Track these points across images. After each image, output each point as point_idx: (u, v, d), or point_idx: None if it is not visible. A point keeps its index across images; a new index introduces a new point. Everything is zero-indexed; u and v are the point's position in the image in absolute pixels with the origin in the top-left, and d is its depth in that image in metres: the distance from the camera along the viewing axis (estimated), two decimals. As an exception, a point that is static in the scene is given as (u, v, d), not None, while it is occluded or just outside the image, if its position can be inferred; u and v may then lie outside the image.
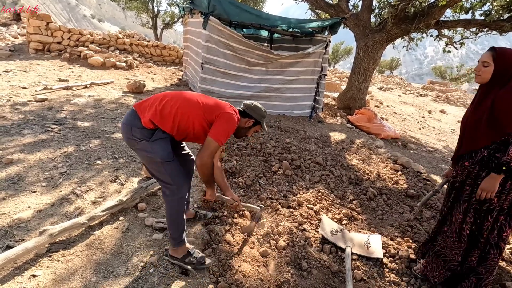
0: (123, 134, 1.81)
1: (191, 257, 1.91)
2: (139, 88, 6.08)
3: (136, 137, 1.74)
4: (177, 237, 1.89)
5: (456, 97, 15.59)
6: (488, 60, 1.76)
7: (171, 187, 1.81)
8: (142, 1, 16.56)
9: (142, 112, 1.77)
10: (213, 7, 5.04)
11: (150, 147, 1.75)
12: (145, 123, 1.74)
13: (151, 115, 1.74)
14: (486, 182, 1.74)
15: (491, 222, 1.81)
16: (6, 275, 1.68)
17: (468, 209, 1.87)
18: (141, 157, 1.87)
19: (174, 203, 1.84)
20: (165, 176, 1.80)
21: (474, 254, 1.90)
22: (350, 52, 28.67)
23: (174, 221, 1.86)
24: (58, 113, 4.23)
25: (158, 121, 1.74)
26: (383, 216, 3.02)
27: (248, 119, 2.00)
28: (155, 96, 1.84)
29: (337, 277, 2.12)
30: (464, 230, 1.89)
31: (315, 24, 6.26)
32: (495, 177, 1.71)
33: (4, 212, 2.16)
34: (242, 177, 3.26)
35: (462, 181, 1.93)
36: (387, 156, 4.63)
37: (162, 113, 1.75)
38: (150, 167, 1.86)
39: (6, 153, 2.94)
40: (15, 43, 8.26)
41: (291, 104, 6.23)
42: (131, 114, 1.80)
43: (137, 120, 1.76)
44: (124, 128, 1.78)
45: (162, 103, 1.77)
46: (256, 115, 2.01)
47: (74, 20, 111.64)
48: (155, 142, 1.76)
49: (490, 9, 6.06)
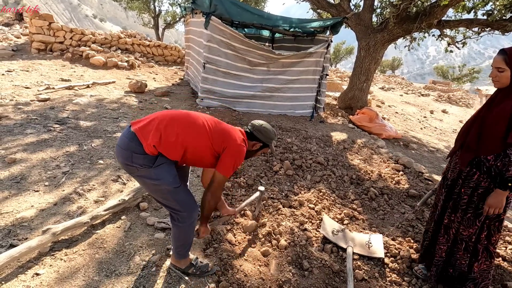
0: (120, 159, 1.61)
1: (194, 268, 1.87)
2: (141, 88, 6.10)
3: (137, 164, 1.56)
4: (182, 253, 1.83)
5: (458, 97, 15.54)
6: (502, 65, 1.66)
7: (181, 214, 1.68)
8: (144, 0, 16.59)
9: (145, 138, 1.55)
10: (215, 7, 5.05)
11: (154, 173, 1.57)
12: (148, 151, 1.55)
13: (156, 142, 1.55)
14: (493, 199, 1.71)
15: (479, 226, 1.82)
16: (10, 274, 1.69)
17: (457, 210, 1.88)
18: (143, 185, 1.67)
19: (185, 229, 1.72)
20: (173, 203, 1.66)
21: (463, 257, 1.90)
22: (351, 52, 28.61)
23: (181, 242, 1.77)
24: (61, 112, 4.25)
25: (163, 150, 1.57)
26: (385, 216, 3.02)
27: (255, 142, 1.88)
28: (158, 118, 1.62)
29: (338, 277, 2.12)
30: (451, 229, 1.92)
31: (317, 24, 6.26)
32: (502, 193, 1.68)
33: (8, 211, 2.17)
34: (244, 176, 3.27)
35: (453, 179, 1.93)
36: (388, 156, 4.63)
37: (168, 141, 1.57)
38: (155, 196, 1.69)
39: (9, 152, 2.96)
40: (17, 43, 8.30)
41: (292, 104, 6.23)
42: (131, 138, 1.57)
43: (138, 146, 1.55)
44: (122, 154, 1.58)
45: (167, 129, 1.58)
46: (264, 138, 1.87)
47: (76, 20, 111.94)
48: (159, 168, 1.58)
49: (492, 9, 6.03)
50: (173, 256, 1.86)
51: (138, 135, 1.56)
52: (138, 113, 4.80)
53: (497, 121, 1.67)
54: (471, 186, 1.81)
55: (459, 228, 1.88)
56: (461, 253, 1.90)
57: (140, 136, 1.55)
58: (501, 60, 1.67)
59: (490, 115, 1.72)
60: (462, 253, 1.90)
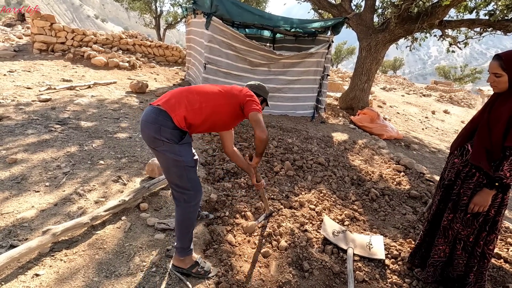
0: (146, 133, 1.70)
1: (199, 267, 1.87)
2: (142, 88, 6.11)
3: (165, 137, 1.66)
4: (186, 247, 1.83)
5: (460, 97, 15.49)
6: (498, 70, 1.66)
7: (189, 193, 1.76)
8: (145, 1, 16.63)
9: (173, 110, 1.68)
10: (216, 8, 5.05)
11: (178, 149, 1.69)
12: (178, 121, 1.67)
13: (184, 111, 1.70)
14: (479, 197, 1.74)
15: (477, 226, 1.83)
16: (10, 274, 1.69)
17: (457, 211, 1.88)
18: (163, 159, 1.73)
19: (189, 209, 1.79)
20: (185, 181, 1.74)
21: (461, 256, 1.91)
22: (353, 52, 28.56)
23: (185, 228, 1.80)
24: (62, 113, 4.25)
25: (191, 117, 1.72)
26: (386, 217, 3.01)
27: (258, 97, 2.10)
28: (176, 93, 1.80)
29: (339, 278, 2.11)
30: (451, 229, 1.92)
31: (318, 24, 6.25)
32: (488, 192, 1.71)
33: (8, 211, 2.18)
34: (244, 177, 3.27)
35: (451, 180, 1.93)
36: (389, 157, 4.61)
37: (193, 108, 1.73)
38: (171, 171, 1.74)
39: (10, 152, 2.97)
40: (19, 44, 8.33)
41: (293, 104, 6.22)
42: (158, 113, 1.68)
43: (165, 119, 1.67)
44: (150, 128, 1.67)
45: (189, 98, 1.76)
46: (263, 92, 2.16)
47: (77, 20, 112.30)
48: (183, 146, 1.71)
49: (494, 9, 6.01)
50: (176, 256, 1.84)
51: (165, 108, 1.69)
52: (139, 114, 4.80)
53: (497, 126, 1.66)
54: (470, 188, 1.80)
55: (458, 228, 1.88)
56: (459, 252, 1.91)
57: (167, 108, 1.68)
58: (497, 66, 1.67)
59: (493, 121, 1.71)
60: (460, 253, 1.91)
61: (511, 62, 1.63)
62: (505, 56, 1.66)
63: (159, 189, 2.76)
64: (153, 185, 2.67)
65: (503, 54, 1.68)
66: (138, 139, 3.80)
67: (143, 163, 3.19)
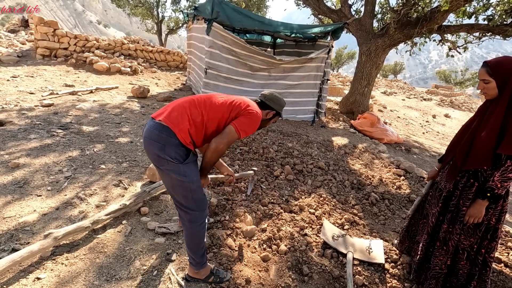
0: (151, 152, 1.59)
1: (214, 276, 1.85)
2: (143, 93, 6.16)
3: (169, 156, 1.55)
4: (199, 261, 1.78)
5: (460, 101, 15.50)
6: (486, 77, 1.70)
7: (194, 213, 1.69)
8: (147, 7, 16.80)
9: (176, 125, 1.57)
10: (217, 14, 5.12)
11: (182, 169, 1.59)
12: (183, 137, 1.57)
13: (187, 125, 1.59)
14: (473, 209, 1.75)
15: (480, 235, 1.83)
16: (11, 278, 1.71)
17: (456, 222, 1.88)
18: (168, 179, 1.63)
19: (195, 229, 1.72)
20: (190, 201, 1.66)
21: (465, 266, 1.90)
22: (353, 57, 28.66)
23: (195, 246, 1.74)
24: (64, 118, 4.30)
25: (194, 133, 1.61)
26: (386, 221, 3.01)
27: (268, 111, 1.93)
28: (178, 105, 1.67)
29: (338, 282, 2.12)
30: (450, 241, 1.91)
31: (318, 29, 6.31)
32: (481, 203, 1.72)
33: (10, 215, 2.20)
34: (244, 181, 3.28)
35: (449, 191, 1.92)
36: (390, 161, 4.62)
37: (196, 122, 1.62)
38: (176, 190, 1.66)
39: (13, 157, 3.00)
40: (22, 49, 8.43)
41: (293, 108, 6.25)
42: (161, 129, 1.56)
43: (169, 135, 1.55)
44: (154, 146, 1.57)
45: (192, 111, 1.63)
46: (277, 106, 1.94)
47: (80, 26, 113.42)
48: (188, 165, 1.61)
49: (493, 14, 6.05)
50: (191, 268, 1.81)
51: (167, 123, 1.56)
52: (140, 118, 4.84)
53: (488, 133, 1.68)
54: (469, 198, 1.80)
55: (460, 238, 1.87)
56: (463, 262, 1.90)
57: (169, 124, 1.56)
58: (484, 72, 1.71)
59: (483, 127, 1.73)
60: (464, 263, 1.89)
61: (497, 68, 1.67)
62: (492, 62, 1.70)
63: (160, 193, 2.78)
64: (154, 189, 2.69)
65: (490, 60, 1.72)
66: (139, 143, 3.83)
67: (144, 168, 3.21)
